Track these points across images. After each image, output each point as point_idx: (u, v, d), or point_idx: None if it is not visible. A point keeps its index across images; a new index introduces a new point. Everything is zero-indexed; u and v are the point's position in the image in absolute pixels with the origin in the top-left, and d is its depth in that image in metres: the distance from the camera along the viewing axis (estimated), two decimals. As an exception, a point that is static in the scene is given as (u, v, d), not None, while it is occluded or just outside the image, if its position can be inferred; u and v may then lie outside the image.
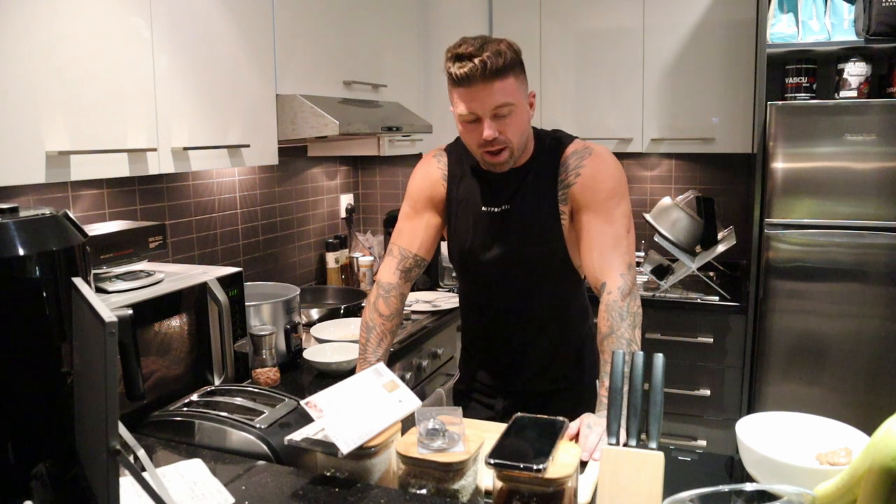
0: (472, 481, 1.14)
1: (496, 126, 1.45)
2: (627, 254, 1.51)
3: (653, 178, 3.27)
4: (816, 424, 1.19)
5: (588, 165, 1.55)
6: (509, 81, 1.44)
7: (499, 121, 1.46)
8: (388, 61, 2.78)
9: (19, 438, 1.10)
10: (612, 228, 1.51)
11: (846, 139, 2.37)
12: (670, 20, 2.84)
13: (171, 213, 2.29)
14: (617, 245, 1.50)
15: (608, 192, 1.52)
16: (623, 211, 1.53)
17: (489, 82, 1.41)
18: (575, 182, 1.54)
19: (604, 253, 1.50)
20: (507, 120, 1.46)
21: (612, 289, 1.46)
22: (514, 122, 1.47)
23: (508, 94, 1.44)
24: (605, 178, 1.54)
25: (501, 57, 1.41)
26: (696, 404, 2.74)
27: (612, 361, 1.11)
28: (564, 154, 1.57)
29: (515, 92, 1.46)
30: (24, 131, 1.42)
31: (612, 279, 1.47)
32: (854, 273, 2.42)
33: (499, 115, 1.45)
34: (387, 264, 1.68)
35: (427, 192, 1.68)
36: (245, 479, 1.22)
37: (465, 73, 1.41)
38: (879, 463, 0.80)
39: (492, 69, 1.40)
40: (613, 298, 1.45)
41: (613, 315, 1.44)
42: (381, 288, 1.66)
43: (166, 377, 1.65)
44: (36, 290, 1.10)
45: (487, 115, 1.44)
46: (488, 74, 1.40)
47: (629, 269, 1.49)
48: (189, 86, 1.84)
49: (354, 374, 1.32)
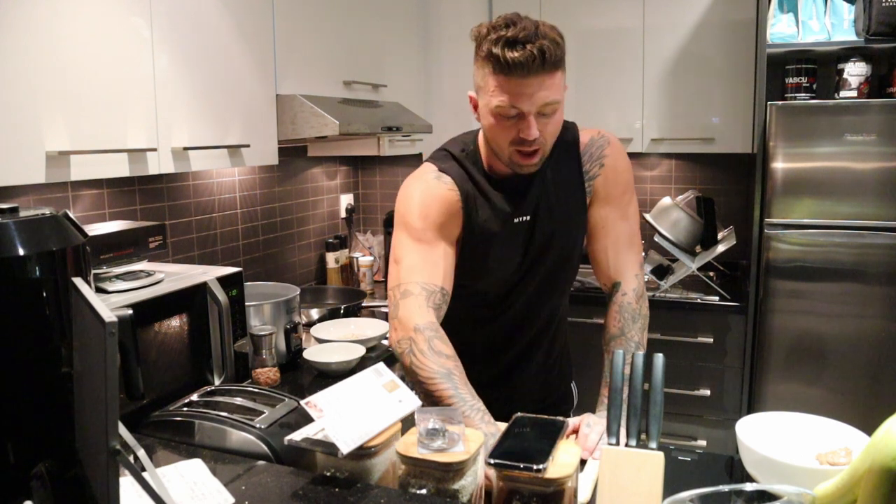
0: (472, 481, 1.14)
1: (538, 125, 1.26)
2: (640, 252, 1.46)
3: (653, 178, 3.27)
4: (816, 424, 1.19)
5: (609, 156, 1.43)
6: (560, 77, 1.25)
7: (541, 119, 1.26)
8: (388, 61, 2.78)
9: (19, 438, 1.10)
10: (627, 225, 1.44)
11: (846, 139, 2.37)
12: (670, 20, 2.84)
13: (171, 213, 2.29)
14: (632, 243, 1.44)
15: (625, 185, 1.45)
16: (635, 207, 1.46)
17: (544, 75, 1.21)
18: (599, 173, 1.42)
19: (619, 251, 1.43)
20: (549, 119, 1.28)
21: (626, 290, 1.41)
22: (554, 122, 1.29)
23: (557, 90, 1.25)
24: (623, 170, 1.45)
25: (558, 47, 1.22)
26: (696, 404, 2.74)
27: (612, 361, 1.11)
28: (582, 143, 1.44)
29: (562, 87, 1.27)
30: (24, 131, 1.42)
31: (627, 280, 1.42)
32: (854, 273, 2.42)
33: (543, 114, 1.26)
34: (414, 305, 1.30)
35: (444, 220, 1.37)
36: (245, 479, 1.22)
37: (520, 60, 1.19)
38: (879, 463, 0.80)
39: (550, 60, 1.20)
40: (628, 300, 1.40)
41: (626, 317, 1.39)
42: (421, 334, 1.28)
43: (166, 377, 1.65)
44: (36, 290, 1.10)
45: (534, 111, 1.24)
46: (547, 66, 1.20)
47: (642, 269, 1.45)
48: (189, 86, 1.84)
49: (356, 374, 1.31)
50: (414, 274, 1.33)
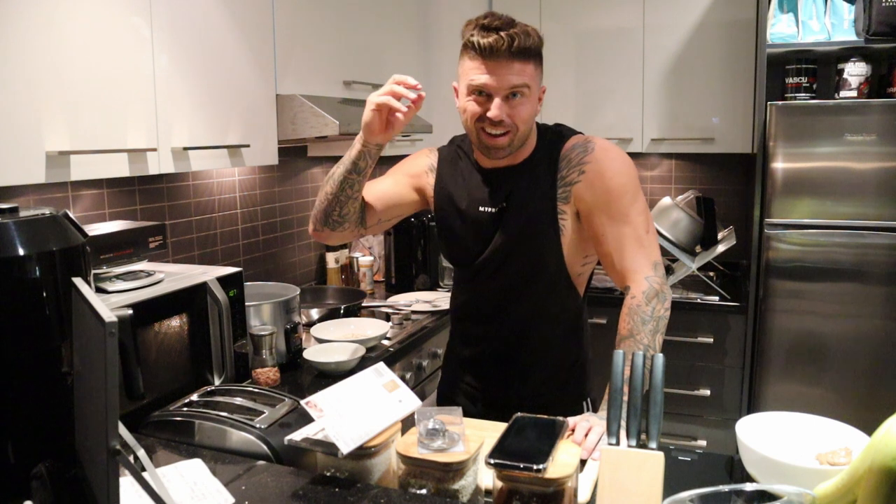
0: (472, 481, 1.14)
1: (506, 108, 1.39)
2: (652, 252, 1.44)
3: (653, 178, 3.27)
4: (816, 424, 1.19)
5: (592, 162, 1.46)
6: (530, 66, 1.39)
7: (510, 103, 1.39)
8: (388, 61, 2.78)
9: (19, 438, 1.10)
10: (629, 228, 1.43)
11: (846, 139, 2.37)
12: (670, 20, 2.84)
13: (171, 213, 2.29)
14: (638, 245, 1.43)
15: (619, 190, 1.44)
16: (638, 208, 1.45)
17: (512, 60, 1.36)
18: (579, 180, 1.46)
19: (624, 256, 1.43)
20: (517, 102, 1.40)
21: (635, 292, 1.40)
22: (524, 109, 1.41)
23: (527, 77, 1.38)
24: (612, 175, 1.45)
25: (529, 38, 1.37)
26: (696, 404, 2.74)
27: (612, 361, 1.11)
28: (564, 148, 1.50)
29: (532, 79, 1.40)
30: (24, 131, 1.42)
31: (636, 282, 1.41)
32: (854, 273, 2.42)
33: (512, 98, 1.39)
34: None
35: (414, 171, 1.65)
36: (245, 479, 1.22)
37: (490, 44, 1.34)
38: (879, 463, 0.80)
39: (518, 47, 1.35)
40: (637, 303, 1.39)
41: (635, 319, 1.38)
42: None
43: (166, 377, 1.65)
44: (36, 290, 1.10)
45: (501, 93, 1.38)
46: (514, 52, 1.35)
47: (655, 268, 1.43)
48: (189, 86, 1.84)
49: (356, 374, 1.32)
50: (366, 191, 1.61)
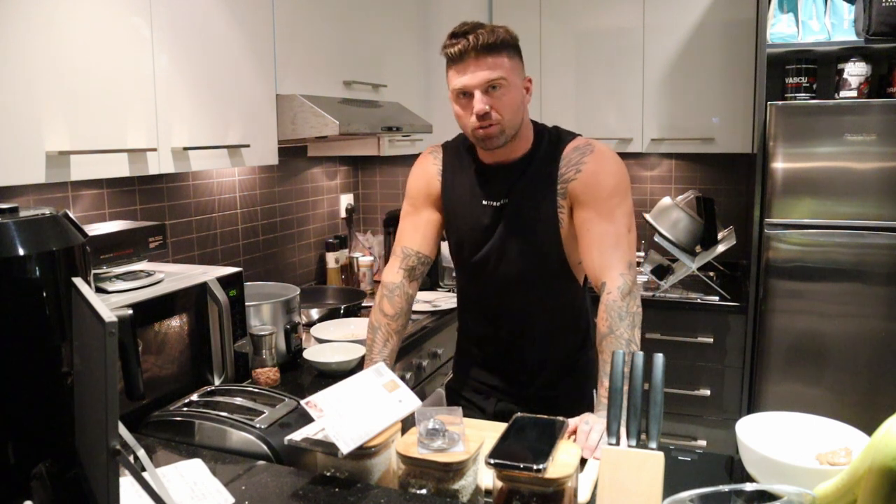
0: (472, 481, 1.14)
1: (488, 101, 1.46)
2: (628, 253, 1.50)
3: (653, 178, 3.27)
4: (816, 424, 1.19)
5: (589, 162, 1.53)
6: (502, 59, 1.46)
7: (491, 95, 1.46)
8: (388, 61, 2.78)
9: (19, 438, 1.10)
10: (612, 227, 1.50)
11: (846, 139, 2.37)
12: (670, 20, 2.84)
13: (171, 213, 2.29)
14: (618, 244, 1.49)
15: (610, 191, 1.51)
16: (624, 210, 1.52)
17: (481, 57, 1.44)
18: (575, 178, 1.53)
19: (604, 252, 1.49)
20: (498, 94, 1.46)
21: (611, 288, 1.46)
22: (507, 99, 1.47)
23: (500, 69, 1.45)
24: (606, 176, 1.52)
25: (494, 34, 1.45)
26: (696, 404, 2.74)
27: (612, 361, 1.11)
28: (566, 149, 1.56)
29: (509, 70, 1.47)
30: (24, 131, 1.42)
31: (611, 279, 1.47)
32: (854, 273, 2.42)
33: (490, 91, 1.46)
34: (390, 265, 1.69)
35: (424, 189, 1.69)
36: (245, 479, 1.22)
37: (459, 49, 1.45)
38: (879, 463, 0.80)
39: (484, 44, 1.43)
40: (613, 298, 1.45)
41: (612, 315, 1.44)
42: (385, 288, 1.67)
43: (166, 377, 1.65)
44: (36, 290, 1.10)
45: (479, 88, 1.46)
46: (480, 49, 1.44)
47: (629, 268, 1.49)
48: (189, 86, 1.84)
49: (356, 374, 1.32)
50: (400, 237, 1.71)
